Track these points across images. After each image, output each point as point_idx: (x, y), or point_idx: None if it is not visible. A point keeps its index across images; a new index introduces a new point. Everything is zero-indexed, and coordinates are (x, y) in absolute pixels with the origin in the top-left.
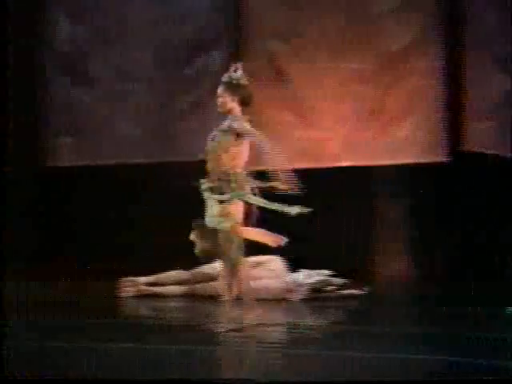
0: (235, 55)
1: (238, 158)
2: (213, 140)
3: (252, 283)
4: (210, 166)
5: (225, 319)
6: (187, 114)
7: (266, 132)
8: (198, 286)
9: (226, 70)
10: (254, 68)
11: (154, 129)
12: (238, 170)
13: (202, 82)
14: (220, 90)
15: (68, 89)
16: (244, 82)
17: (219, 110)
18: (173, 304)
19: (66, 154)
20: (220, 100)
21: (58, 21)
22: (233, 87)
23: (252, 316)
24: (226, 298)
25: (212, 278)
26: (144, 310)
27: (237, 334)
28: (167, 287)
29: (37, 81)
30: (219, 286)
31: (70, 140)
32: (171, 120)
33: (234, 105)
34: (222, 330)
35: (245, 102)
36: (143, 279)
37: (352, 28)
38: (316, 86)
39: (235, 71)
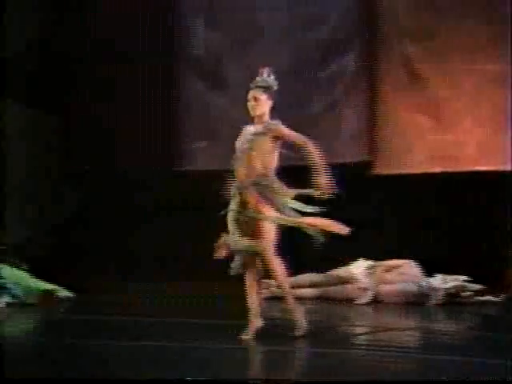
0: (369, 56)
1: (272, 162)
2: (245, 144)
3: (386, 287)
4: (241, 170)
5: (358, 322)
6: (322, 116)
7: (401, 134)
8: (331, 288)
9: (360, 71)
10: (388, 69)
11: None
12: (271, 175)
13: (337, 84)
14: (256, 93)
15: (203, 93)
16: (276, 87)
17: (252, 113)
18: (306, 306)
19: (202, 157)
20: (255, 103)
21: (194, 27)
22: (269, 92)
23: (385, 320)
24: (362, 301)
25: (346, 280)
26: (277, 312)
27: (370, 337)
28: (300, 290)
29: (174, 86)
30: (353, 289)
31: (206, 144)
32: (306, 123)
33: (267, 109)
34: (355, 333)
35: (272, 107)
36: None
37: (485, 29)
38: (451, 89)
39: (269, 75)
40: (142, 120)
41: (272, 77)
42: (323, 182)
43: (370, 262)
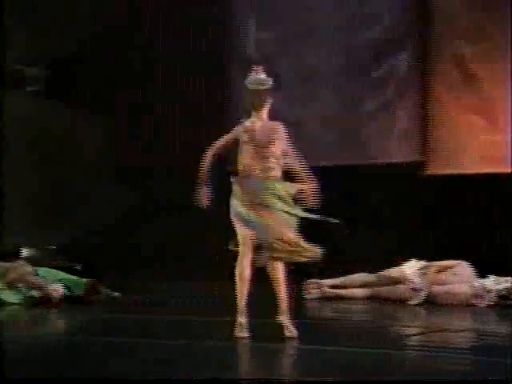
0: (422, 56)
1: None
2: (264, 136)
3: (438, 288)
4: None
5: (410, 323)
6: (375, 116)
7: (454, 134)
8: (383, 288)
9: (413, 71)
10: (441, 69)
11: (342, 131)
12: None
13: (389, 84)
14: (263, 90)
15: None
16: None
17: (258, 109)
18: (358, 306)
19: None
20: (262, 100)
21: (245, 27)
22: (271, 90)
23: (437, 320)
24: (414, 301)
25: (398, 281)
26: (328, 311)
27: (422, 338)
28: (352, 290)
29: (226, 86)
30: (405, 289)
31: None
32: (359, 122)
33: (269, 106)
34: (407, 334)
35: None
36: (328, 281)
37: None
38: (505, 89)
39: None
40: (192, 119)
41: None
42: (307, 189)
43: (422, 263)
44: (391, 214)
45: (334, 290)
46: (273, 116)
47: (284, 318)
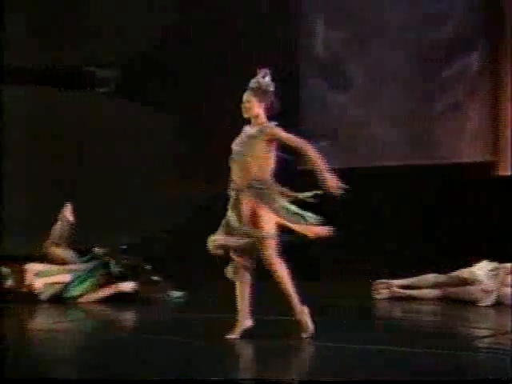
0: (493, 56)
1: (268, 164)
2: (239, 146)
3: (509, 289)
4: (236, 173)
5: (480, 324)
6: (445, 115)
7: None
8: (453, 289)
9: (484, 71)
10: None
11: (411, 131)
12: (268, 178)
13: (460, 83)
14: (247, 95)
15: (324, 92)
16: (272, 88)
17: (245, 115)
18: (427, 307)
19: (323, 156)
20: (247, 105)
21: (315, 26)
22: (261, 93)
23: (508, 322)
24: (485, 303)
25: (469, 282)
26: (397, 312)
27: (492, 340)
28: (422, 290)
29: (296, 85)
30: (476, 290)
31: (325, 142)
32: (428, 122)
33: (260, 111)
34: (477, 336)
35: (270, 109)
36: (398, 281)
37: None
38: None
39: (264, 77)
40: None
41: (267, 78)
42: (331, 182)
43: (493, 264)
44: (461, 215)
45: (404, 290)
46: (340, 115)
47: (301, 316)
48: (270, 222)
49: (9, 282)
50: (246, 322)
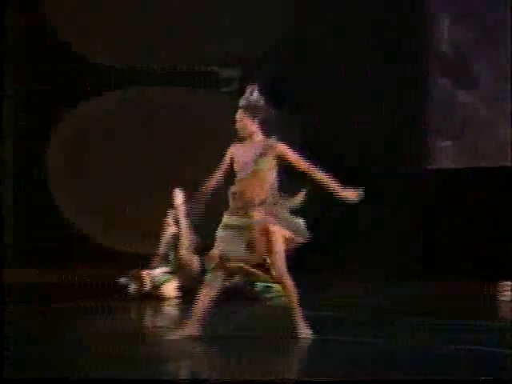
0: None
1: (274, 179)
2: (249, 164)
3: None
4: (249, 189)
5: None
6: None
7: None
8: None
9: None
10: None
11: None
12: (275, 192)
13: None
14: (239, 114)
15: (449, 91)
16: (262, 103)
17: (241, 134)
18: None
19: (447, 155)
20: (240, 124)
21: (440, 25)
22: (251, 110)
23: None
24: None
25: None
26: None
27: None
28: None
29: (422, 85)
30: None
31: (451, 142)
32: None
33: (254, 128)
34: None
35: (265, 123)
36: None
37: None
38: None
39: (251, 94)
40: (388, 119)
41: (255, 94)
42: (347, 194)
43: None
44: None
45: None
46: (466, 115)
47: (302, 331)
48: (281, 237)
49: (131, 289)
50: (193, 330)
